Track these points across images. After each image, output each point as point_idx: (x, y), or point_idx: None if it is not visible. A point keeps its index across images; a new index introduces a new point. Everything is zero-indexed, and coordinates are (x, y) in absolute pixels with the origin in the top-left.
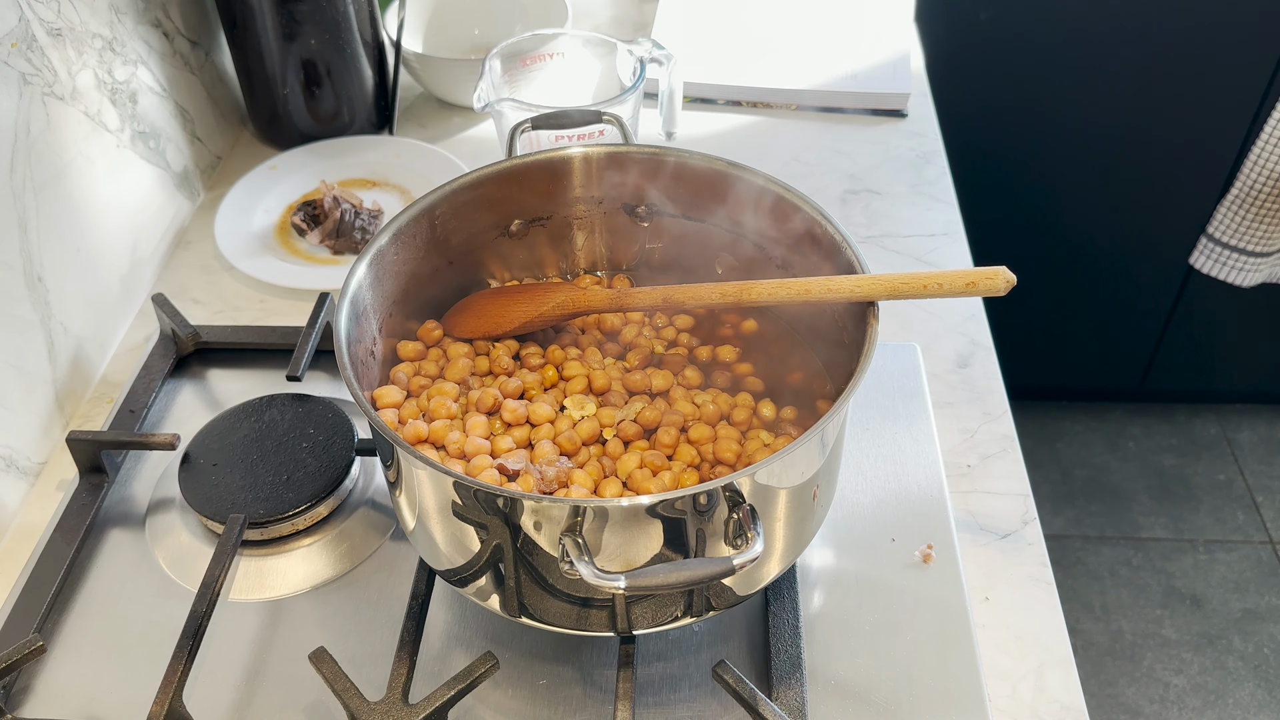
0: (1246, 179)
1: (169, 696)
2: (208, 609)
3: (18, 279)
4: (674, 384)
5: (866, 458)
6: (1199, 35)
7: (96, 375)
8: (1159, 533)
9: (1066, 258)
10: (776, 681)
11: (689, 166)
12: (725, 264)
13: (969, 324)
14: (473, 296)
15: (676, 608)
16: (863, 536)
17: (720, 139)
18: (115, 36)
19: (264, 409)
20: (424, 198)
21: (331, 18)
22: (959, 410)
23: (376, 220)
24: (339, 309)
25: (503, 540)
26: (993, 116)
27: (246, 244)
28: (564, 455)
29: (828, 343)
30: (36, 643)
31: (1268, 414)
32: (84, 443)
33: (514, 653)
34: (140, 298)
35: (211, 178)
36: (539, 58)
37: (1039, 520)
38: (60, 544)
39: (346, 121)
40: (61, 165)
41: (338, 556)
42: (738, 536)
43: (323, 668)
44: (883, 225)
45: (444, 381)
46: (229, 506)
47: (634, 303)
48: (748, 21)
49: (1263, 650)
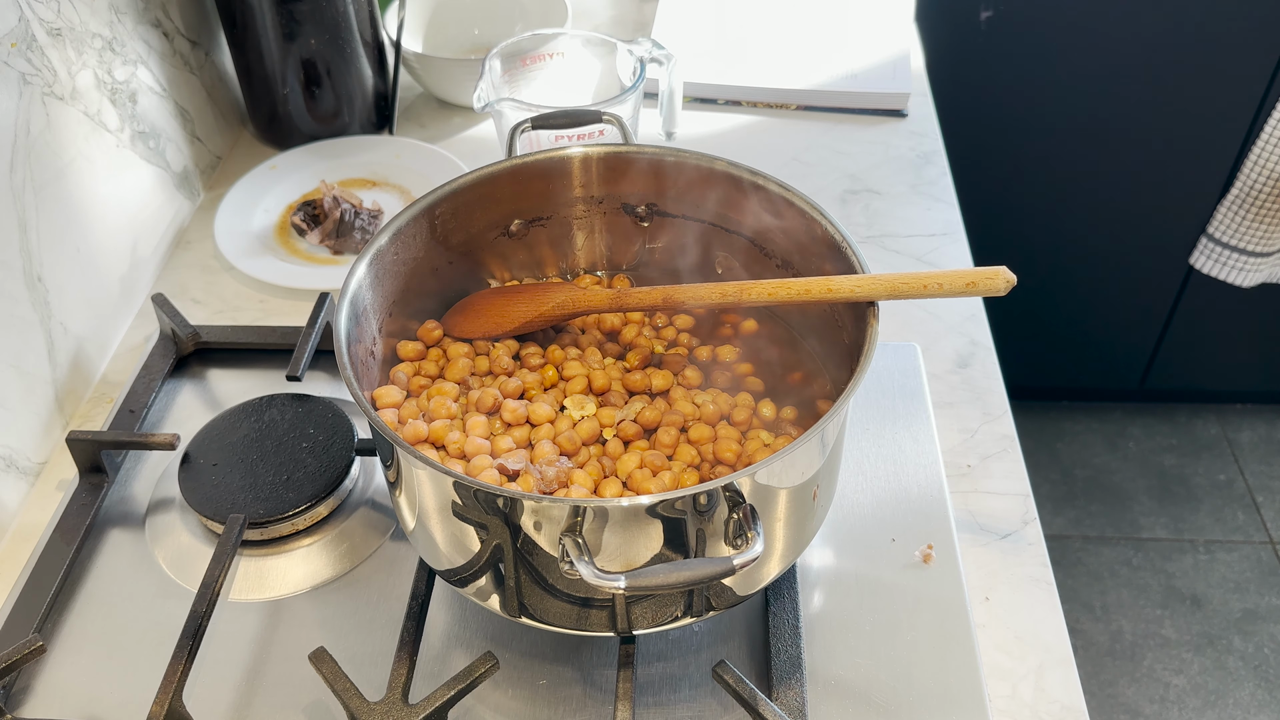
0: (1246, 179)
1: (169, 696)
2: (208, 609)
3: (18, 279)
4: (674, 384)
5: (866, 458)
6: (1199, 35)
7: (96, 375)
8: (1159, 533)
9: (1066, 258)
10: (776, 681)
11: (689, 166)
12: (725, 264)
13: (969, 324)
14: (473, 296)
15: (676, 608)
16: (863, 536)
17: (720, 139)
18: (115, 36)
19: (264, 409)
20: (424, 198)
21: (331, 18)
22: (959, 410)
23: (376, 220)
24: (339, 309)
25: (503, 540)
26: (993, 116)
27: (246, 244)
28: (564, 455)
29: (828, 343)
30: (36, 643)
31: (1268, 414)
32: (84, 443)
33: (514, 653)
34: (140, 298)
35: (211, 178)
36: (539, 58)
37: (1039, 520)
38: (60, 544)
39: (346, 121)
40: (61, 165)
41: (338, 556)
42: (738, 536)
43: (323, 668)
44: (883, 225)
45: (444, 381)
46: (229, 506)
47: (634, 303)
48: (747, 21)
49: (1263, 650)
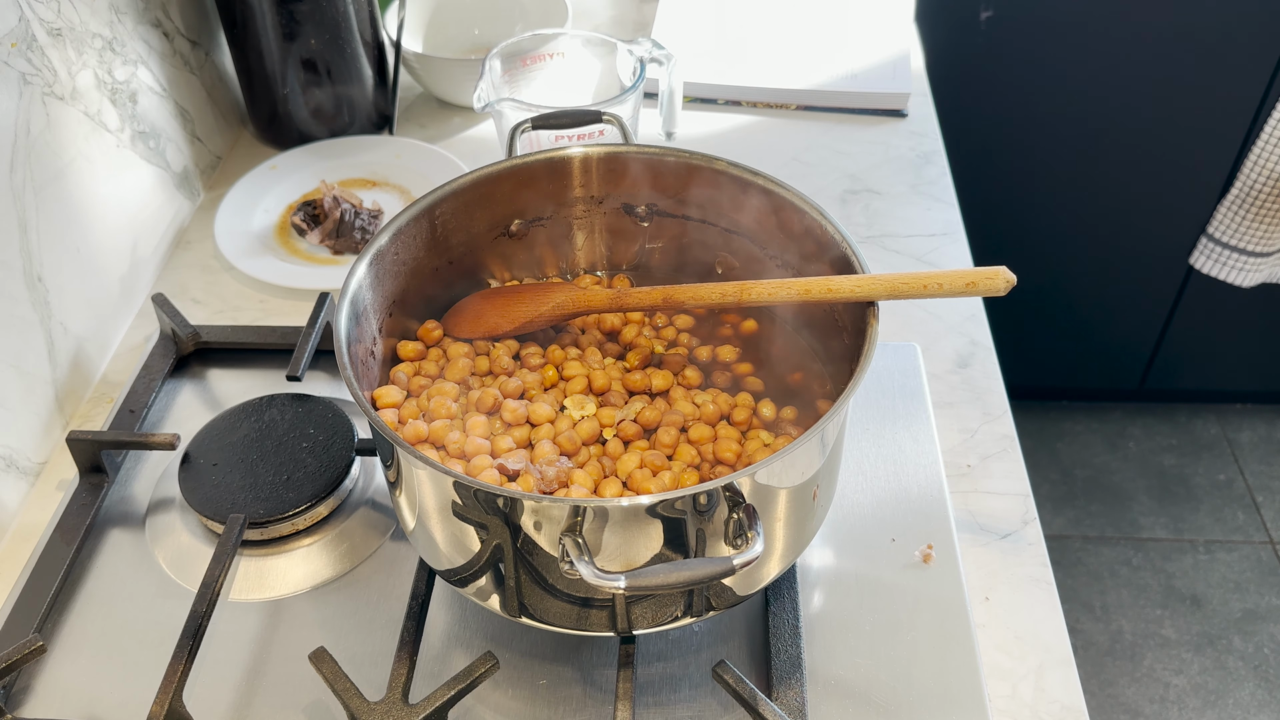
0: (1246, 179)
1: (169, 696)
2: (208, 609)
3: (18, 279)
4: (674, 384)
5: (866, 458)
6: (1199, 35)
7: (96, 375)
8: (1159, 533)
9: (1066, 258)
10: (776, 681)
11: (689, 166)
12: (725, 264)
13: (969, 324)
14: (473, 296)
15: (676, 608)
16: (863, 536)
17: (720, 139)
18: (115, 36)
19: (264, 409)
20: (424, 198)
21: (331, 18)
22: (959, 410)
23: (376, 220)
24: (339, 309)
25: (503, 540)
26: (993, 116)
27: (246, 244)
28: (564, 455)
29: (828, 343)
30: (36, 643)
31: (1268, 414)
32: (84, 443)
33: (514, 653)
34: (140, 298)
35: (211, 178)
36: (539, 58)
37: (1039, 520)
38: (60, 544)
39: (346, 121)
40: (61, 165)
41: (338, 556)
42: (738, 536)
43: (323, 668)
44: (883, 225)
45: (444, 381)
46: (229, 506)
47: (634, 303)
48: (747, 21)
49: (1263, 650)
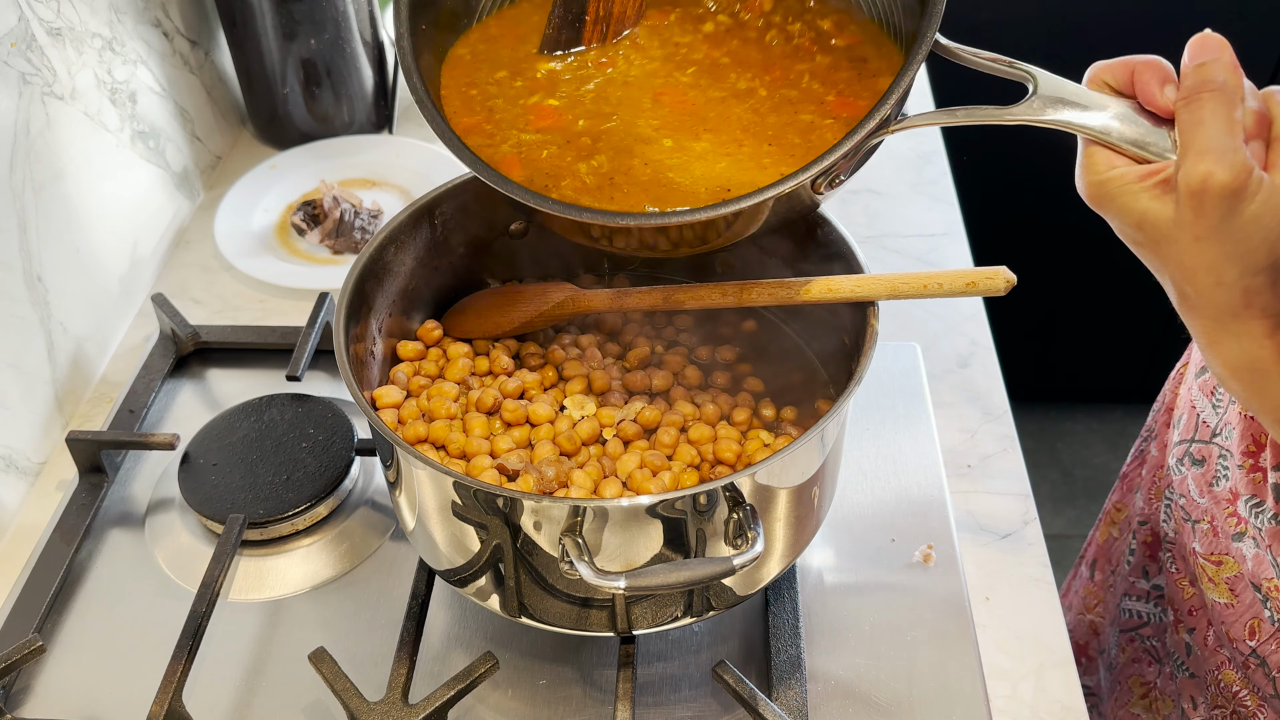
0: None
1: (169, 696)
2: (207, 609)
3: (18, 279)
4: (674, 384)
5: (866, 458)
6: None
7: (96, 375)
8: None
9: (1067, 258)
10: (776, 681)
11: None
12: (725, 264)
13: (969, 324)
14: (473, 296)
15: (676, 608)
16: (863, 536)
17: None
18: (115, 36)
19: (264, 409)
20: (424, 198)
21: (331, 18)
22: (959, 410)
23: (376, 220)
24: (339, 309)
25: (503, 540)
26: None
27: (246, 244)
28: (564, 455)
29: (828, 343)
30: (36, 643)
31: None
32: (84, 443)
33: (514, 653)
34: (140, 298)
35: (211, 177)
36: None
37: (1039, 520)
38: (60, 544)
39: (346, 121)
40: (61, 165)
41: (337, 556)
42: (738, 536)
43: (323, 668)
44: (883, 225)
45: (444, 381)
46: (229, 506)
47: (634, 303)
48: None
49: None
